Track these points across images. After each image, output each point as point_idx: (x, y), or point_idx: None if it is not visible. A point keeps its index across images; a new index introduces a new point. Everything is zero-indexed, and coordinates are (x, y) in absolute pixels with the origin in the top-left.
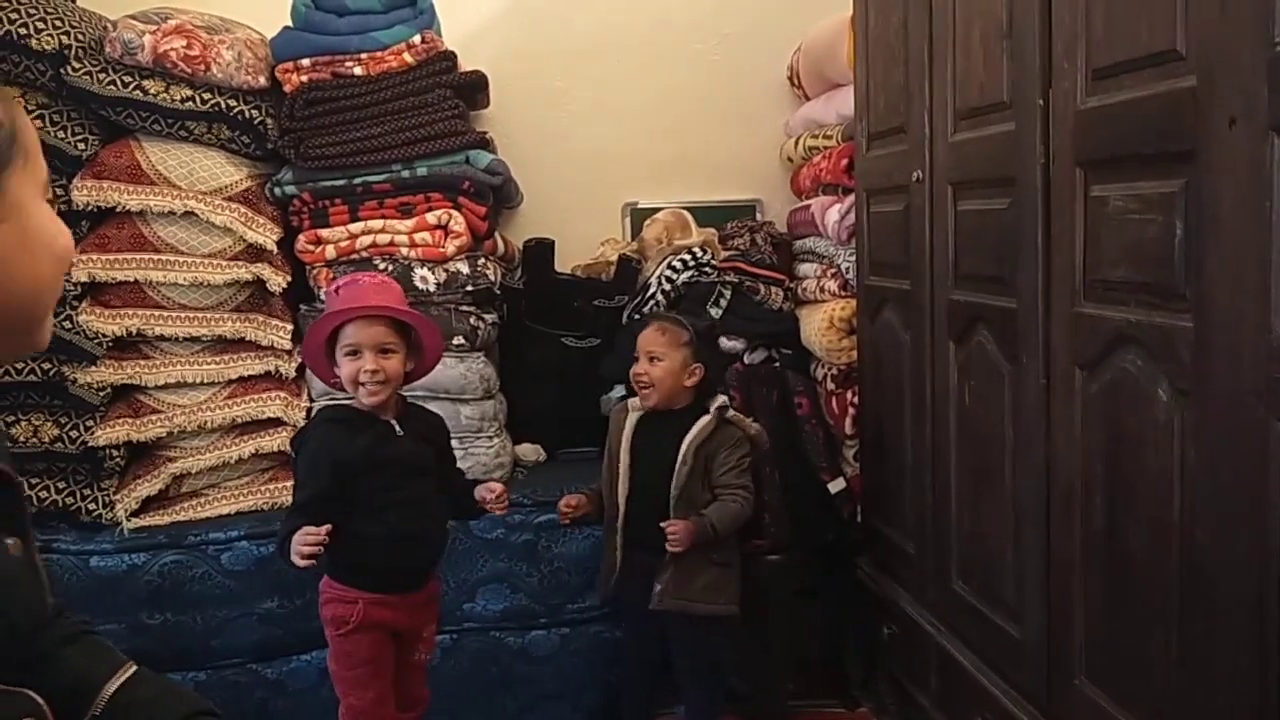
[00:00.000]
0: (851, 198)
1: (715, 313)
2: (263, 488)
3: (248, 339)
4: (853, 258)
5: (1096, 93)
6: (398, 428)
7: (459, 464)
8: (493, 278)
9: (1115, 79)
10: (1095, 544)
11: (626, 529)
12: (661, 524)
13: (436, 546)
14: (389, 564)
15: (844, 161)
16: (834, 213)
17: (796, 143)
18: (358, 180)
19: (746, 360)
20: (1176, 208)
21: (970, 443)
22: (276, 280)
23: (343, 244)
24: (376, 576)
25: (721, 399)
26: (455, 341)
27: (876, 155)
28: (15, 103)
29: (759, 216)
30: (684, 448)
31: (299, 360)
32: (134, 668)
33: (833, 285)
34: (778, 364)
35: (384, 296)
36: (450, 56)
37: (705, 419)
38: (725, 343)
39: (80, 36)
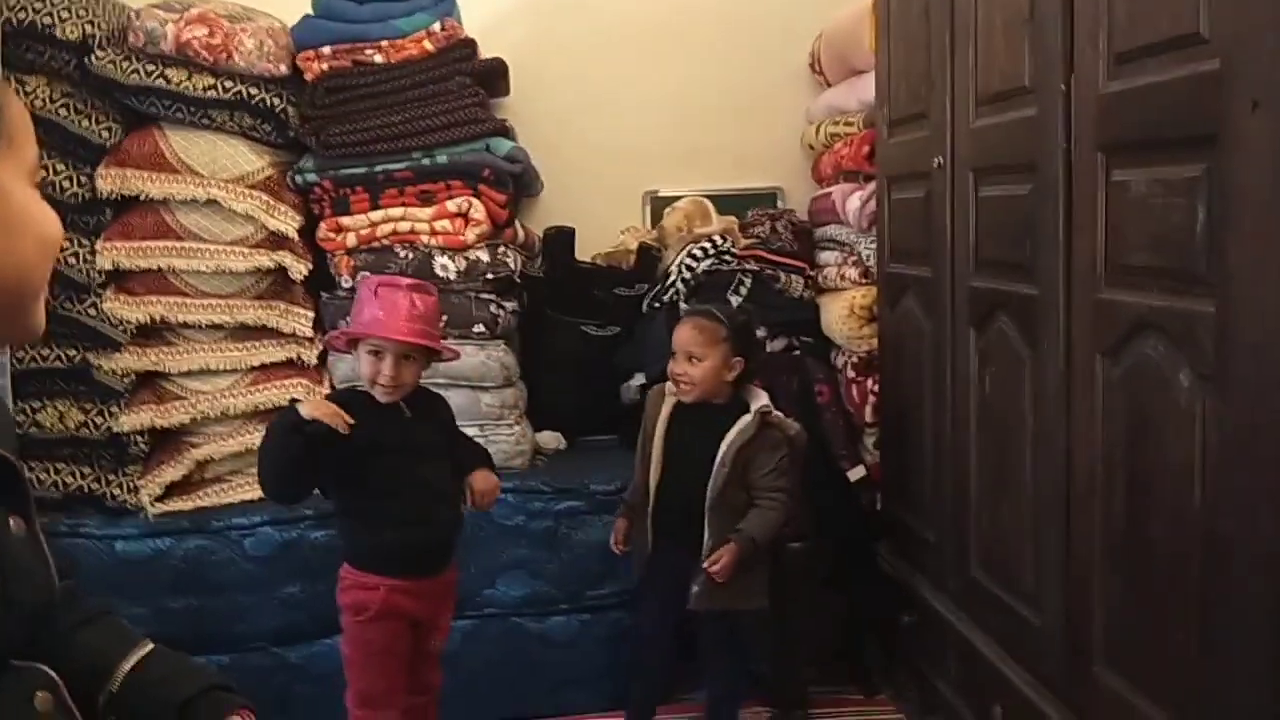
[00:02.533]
0: (873, 185)
1: (735, 301)
2: None
3: (270, 326)
4: (873, 245)
5: (1118, 77)
6: (406, 410)
7: None
8: (513, 266)
9: (1137, 63)
10: (1115, 531)
11: (655, 518)
12: (705, 565)
13: (451, 528)
14: (405, 547)
15: (865, 148)
16: (855, 200)
17: (818, 130)
18: (378, 168)
19: (767, 348)
20: (1199, 192)
21: (990, 430)
22: (298, 268)
23: (363, 232)
24: (395, 560)
25: (764, 400)
26: (475, 329)
27: (898, 141)
28: (4, 86)
29: (780, 204)
30: (723, 450)
31: (320, 347)
32: (150, 645)
33: (853, 273)
34: (798, 352)
35: (420, 321)
36: (470, 44)
37: (746, 419)
38: None
39: (104, 25)
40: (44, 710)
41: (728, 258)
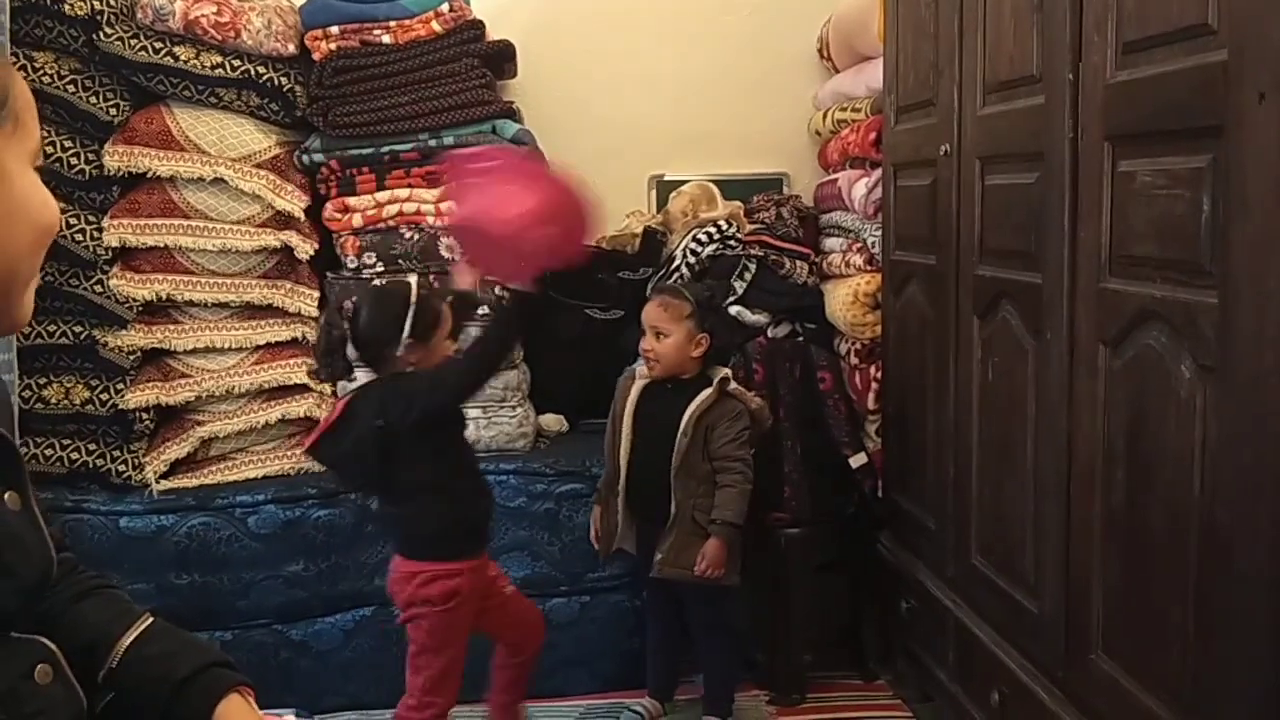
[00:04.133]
0: (879, 172)
1: (740, 286)
2: (289, 453)
3: (275, 305)
4: (879, 232)
5: (1126, 66)
6: None
7: (484, 431)
8: None
9: (1145, 53)
10: (1115, 520)
11: (629, 497)
12: (696, 570)
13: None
14: (485, 518)
15: (872, 135)
16: (861, 187)
17: (825, 116)
18: (385, 149)
19: (770, 334)
20: (1204, 183)
21: (992, 418)
22: (304, 248)
23: (369, 212)
24: (476, 537)
25: (724, 371)
26: (480, 311)
27: (905, 129)
28: (10, 67)
29: (786, 190)
30: (685, 419)
31: None
32: (150, 620)
33: (858, 260)
34: (801, 338)
35: None
36: (478, 25)
37: (707, 391)
38: (749, 316)
39: (112, 2)
40: (44, 683)
41: (732, 243)
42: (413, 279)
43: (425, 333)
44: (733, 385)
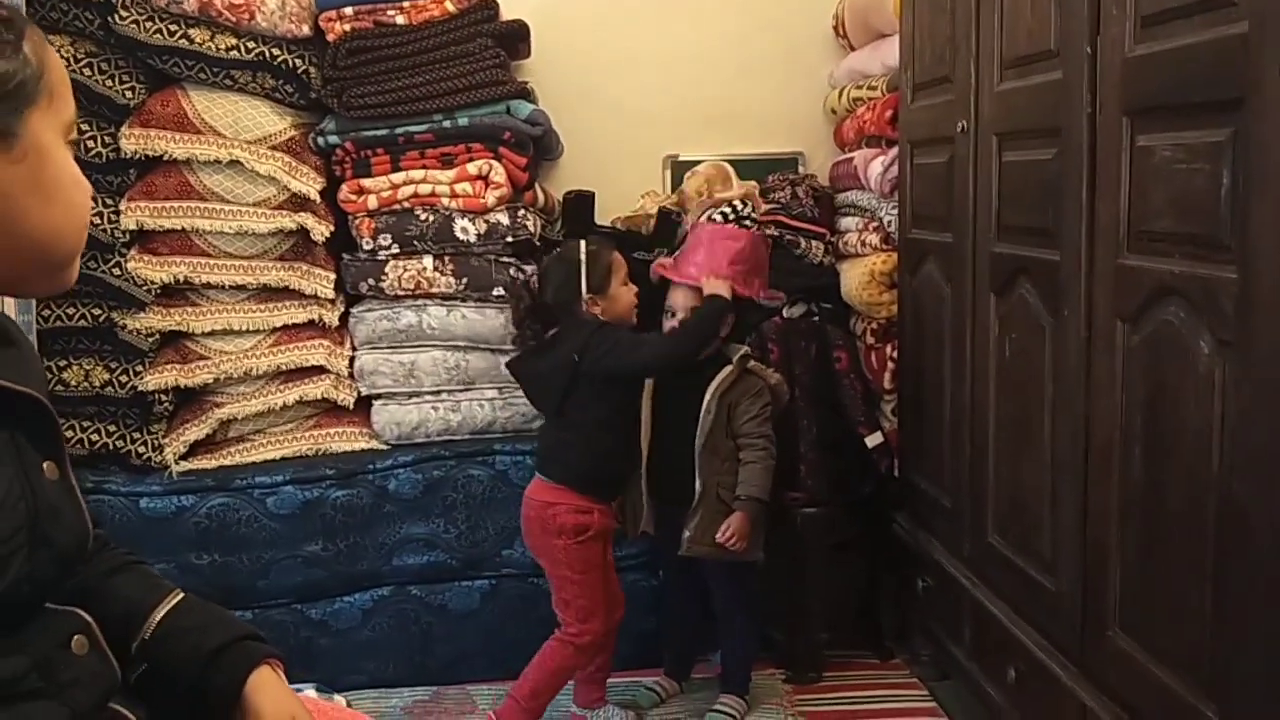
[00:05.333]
0: (895, 150)
1: None
2: (307, 434)
3: (292, 287)
4: (895, 211)
5: (1145, 40)
6: None
7: (500, 412)
8: (533, 229)
9: (1164, 25)
10: (1132, 497)
11: (650, 478)
12: (717, 538)
13: None
14: (633, 468)
15: (888, 113)
16: (877, 165)
17: (840, 94)
18: (399, 130)
19: (785, 314)
20: (1224, 157)
21: (1009, 396)
22: (320, 230)
23: (384, 194)
24: (618, 483)
25: (743, 349)
26: (495, 292)
27: (921, 106)
28: (45, 41)
29: (801, 169)
30: (708, 397)
31: (342, 308)
32: (181, 594)
33: (874, 239)
34: (817, 318)
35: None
36: (492, 5)
37: (728, 369)
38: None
39: None
40: (80, 653)
41: (748, 223)
42: (583, 241)
43: (600, 284)
44: (752, 362)
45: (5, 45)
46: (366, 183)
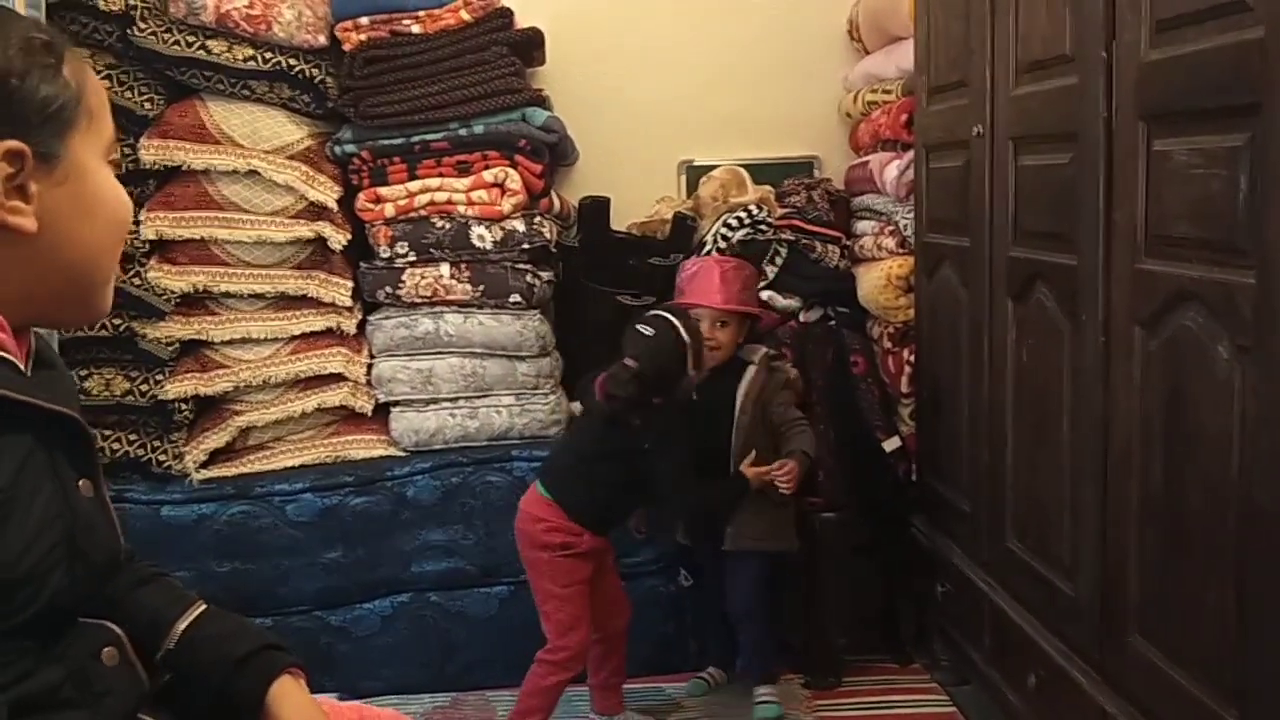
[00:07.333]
0: (910, 154)
1: (771, 271)
2: (326, 441)
3: (310, 296)
4: (911, 215)
5: (1160, 45)
6: None
7: (517, 419)
8: (549, 235)
9: (1180, 30)
10: (1152, 502)
11: None
12: (774, 470)
13: None
14: (621, 518)
15: (903, 117)
16: (892, 169)
17: (855, 98)
18: (415, 139)
19: (802, 319)
20: (1241, 162)
21: (1027, 401)
22: (337, 238)
23: (401, 202)
24: (607, 525)
25: (763, 349)
26: (512, 299)
27: (936, 110)
28: (84, 63)
29: (816, 173)
30: (740, 399)
31: (359, 316)
32: (204, 606)
33: (890, 243)
34: (833, 322)
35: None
36: (506, 13)
37: (753, 370)
38: (780, 301)
39: None
40: (111, 664)
41: (763, 227)
42: (672, 318)
43: (699, 359)
44: (774, 361)
45: (46, 70)
46: (383, 191)
